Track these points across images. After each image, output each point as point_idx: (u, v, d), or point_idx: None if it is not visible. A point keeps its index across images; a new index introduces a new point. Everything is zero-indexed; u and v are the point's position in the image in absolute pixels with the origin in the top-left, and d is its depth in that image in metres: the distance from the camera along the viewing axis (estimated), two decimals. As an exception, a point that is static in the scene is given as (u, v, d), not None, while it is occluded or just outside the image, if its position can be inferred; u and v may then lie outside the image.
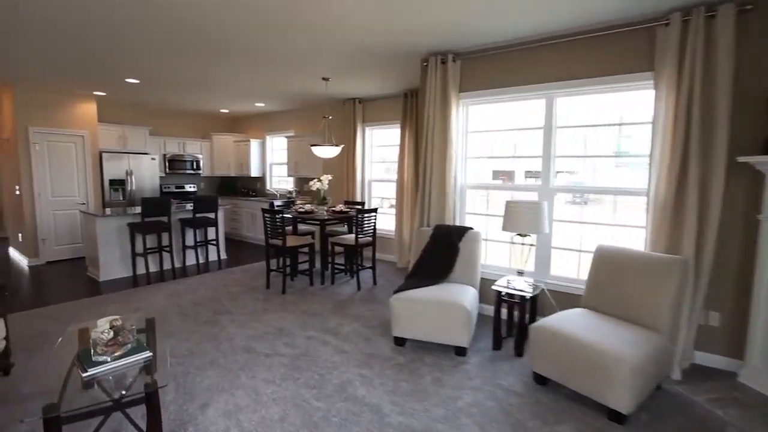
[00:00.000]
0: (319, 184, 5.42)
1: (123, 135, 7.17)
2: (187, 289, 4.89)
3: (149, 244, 5.64)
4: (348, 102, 6.70)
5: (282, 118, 8.12)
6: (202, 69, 4.87)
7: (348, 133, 6.72)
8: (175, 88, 6.03)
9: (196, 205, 5.78)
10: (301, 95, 6.47)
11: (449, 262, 3.72)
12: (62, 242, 6.45)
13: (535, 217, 3.17)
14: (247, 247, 7.54)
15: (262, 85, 5.74)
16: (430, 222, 4.30)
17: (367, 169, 6.81)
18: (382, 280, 5.37)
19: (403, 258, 6.16)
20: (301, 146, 7.24)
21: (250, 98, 6.81)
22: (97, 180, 6.77)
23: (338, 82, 5.48)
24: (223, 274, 5.62)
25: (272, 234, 4.77)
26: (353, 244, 4.87)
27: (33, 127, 6.08)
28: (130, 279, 5.33)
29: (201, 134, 8.76)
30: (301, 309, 4.24)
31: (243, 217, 8.11)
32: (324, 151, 5.26)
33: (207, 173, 8.61)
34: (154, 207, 5.25)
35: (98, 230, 5.23)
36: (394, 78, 5.29)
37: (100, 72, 5.10)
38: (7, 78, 5.61)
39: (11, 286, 5.05)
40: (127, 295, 4.63)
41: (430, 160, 4.25)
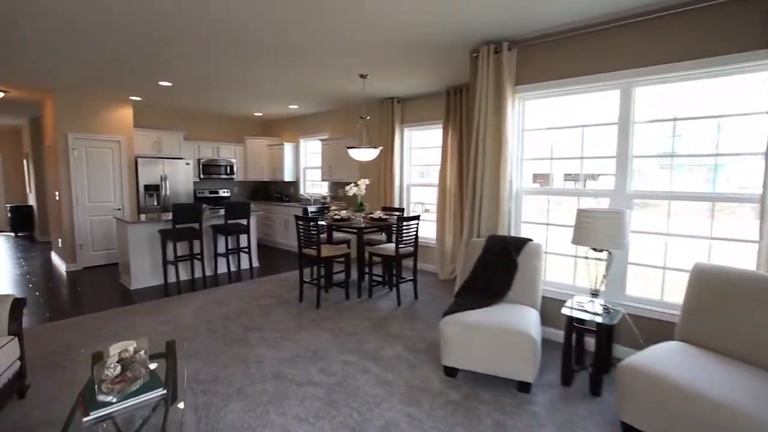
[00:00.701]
0: (356, 189, 5.05)
1: (158, 140, 7.10)
2: (218, 300, 4.63)
3: (181, 251, 5.46)
4: (386, 101, 6.31)
5: (316, 121, 7.85)
6: (235, 69, 4.63)
7: (385, 134, 6.34)
8: (208, 90, 5.84)
9: (227, 212, 5.55)
10: (337, 95, 6.14)
11: (506, 280, 3.22)
12: (98, 248, 6.40)
13: (615, 229, 2.64)
14: (281, 255, 7.28)
15: (296, 84, 5.45)
16: (481, 232, 3.82)
17: (405, 172, 6.39)
18: (423, 294, 4.92)
19: (445, 269, 5.69)
20: (336, 149, 6.92)
21: (284, 100, 6.55)
22: (133, 185, 6.70)
23: (376, 79, 5.10)
24: (255, 284, 5.34)
25: (306, 243, 4.43)
26: (393, 254, 4.45)
27: (72, 133, 6.07)
28: (161, 288, 5.14)
29: (235, 138, 8.64)
30: (337, 327, 3.86)
31: (276, 223, 7.88)
32: (361, 153, 4.89)
33: (240, 178, 8.46)
34: (185, 213, 5.04)
35: (129, 237, 5.08)
36: (437, 73, 4.86)
37: (134, 75, 4.96)
38: (47, 86, 5.60)
39: (50, 292, 4.97)
40: (156, 306, 4.41)
41: (481, 162, 3.77)
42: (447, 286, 5.27)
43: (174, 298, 4.71)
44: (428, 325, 3.91)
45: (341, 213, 4.93)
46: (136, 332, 3.69)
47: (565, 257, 3.70)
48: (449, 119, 5.55)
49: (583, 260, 3.40)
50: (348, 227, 4.61)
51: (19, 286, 5.22)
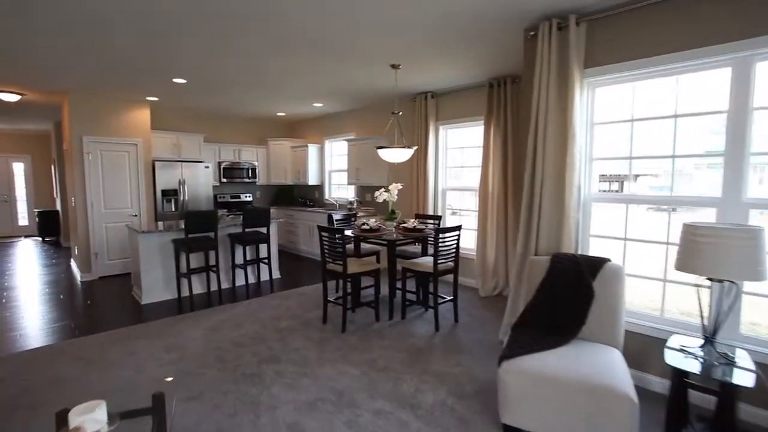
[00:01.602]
0: (387, 196, 4.46)
1: (177, 142, 6.74)
2: (232, 321, 4.12)
3: (195, 263, 5.01)
4: (418, 97, 5.70)
5: (342, 120, 7.31)
6: (253, 64, 4.13)
7: (418, 133, 5.72)
8: (225, 89, 5.39)
9: (245, 219, 5.07)
10: (365, 90, 5.57)
11: (580, 312, 2.54)
12: (114, 257, 6.07)
13: (749, 253, 1.92)
14: (304, 264, 6.77)
15: (322, 79, 4.91)
16: (540, 248, 3.13)
17: (440, 175, 5.75)
18: (464, 314, 4.27)
19: (486, 284, 5.01)
20: (363, 150, 6.36)
21: (307, 98, 6.04)
22: (150, 190, 6.35)
23: (409, 70, 4.49)
24: (275, 299, 4.82)
25: (330, 256, 3.87)
26: (430, 270, 3.83)
27: (87, 136, 5.76)
28: (174, 303, 4.70)
29: (257, 140, 8.22)
30: (366, 359, 3.27)
31: (300, 229, 7.39)
32: (393, 154, 4.29)
33: (263, 182, 8.03)
34: (199, 222, 4.58)
35: (140, 248, 4.66)
36: (479, 61, 4.21)
37: (146, 73, 4.56)
38: (60, 87, 5.29)
39: (59, 306, 4.61)
40: (164, 327, 3.95)
41: (540, 164, 3.09)
42: (490, 305, 4.59)
43: (185, 317, 4.24)
44: (475, 360, 3.26)
45: (370, 222, 4.35)
46: (137, 361, 3.22)
47: (649, 280, 2.97)
48: (492, 115, 4.88)
49: (674, 285, 2.69)
50: (377, 239, 4.01)
51: (31, 297, 4.90)
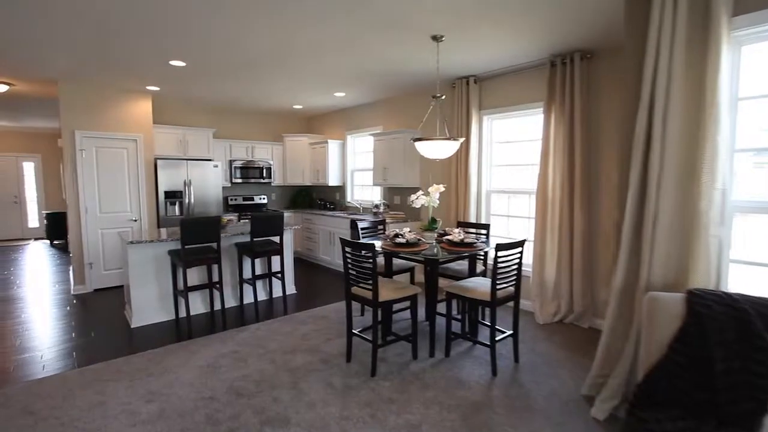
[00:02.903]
0: (425, 200, 3.59)
1: (183, 138, 6.03)
2: (234, 354, 3.32)
3: (196, 278, 4.26)
4: (458, 82, 4.81)
5: (366, 112, 6.48)
6: (263, 39, 3.33)
7: (458, 125, 4.84)
8: (232, 74, 4.62)
9: (254, 227, 4.27)
10: (397, 73, 4.71)
11: (759, 391, 1.62)
12: (111, 266, 5.38)
13: None
14: (323, 276, 5.96)
15: (347, 60, 4.07)
16: (652, 278, 2.21)
17: (485, 175, 4.84)
18: (525, 350, 3.36)
19: (546, 308, 4.08)
20: (392, 146, 5.51)
21: (330, 84, 5.22)
22: (152, 192, 5.65)
23: (453, 45, 3.61)
24: (288, 324, 4.01)
25: (356, 278, 3.02)
26: (487, 299, 2.94)
27: (80, 130, 5.09)
28: (169, 326, 3.95)
29: (272, 136, 7.46)
30: (406, 421, 2.41)
31: (318, 235, 6.59)
32: (434, 147, 3.41)
33: (279, 182, 7.26)
34: (197, 230, 3.81)
35: (130, 260, 3.92)
36: (541, 31, 3.30)
37: (138, 55, 3.81)
38: (47, 74, 4.62)
39: (37, 330, 3.92)
40: (149, 362, 3.17)
41: (656, 158, 2.17)
42: (554, 337, 3.66)
43: (179, 347, 3.46)
44: (557, 427, 2.36)
45: (405, 232, 3.49)
46: (103, 418, 2.44)
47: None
48: (553, 100, 3.96)
49: None
50: (414, 255, 3.14)
51: (9, 316, 4.23)
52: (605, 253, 3.81)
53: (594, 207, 3.87)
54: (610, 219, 3.75)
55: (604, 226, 3.82)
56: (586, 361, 3.18)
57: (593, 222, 3.88)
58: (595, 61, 3.78)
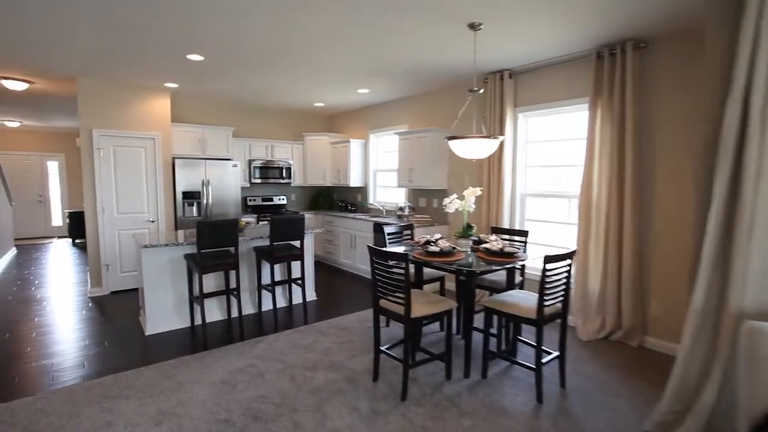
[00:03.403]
0: (460, 205, 3.28)
1: (202, 137, 5.85)
2: (251, 369, 3.08)
3: (212, 284, 4.06)
4: (491, 77, 4.48)
5: (391, 110, 6.19)
6: (284, 29, 3.08)
7: (491, 123, 4.51)
8: (252, 69, 4.39)
9: (274, 231, 4.02)
10: (427, 66, 4.41)
11: None
12: (127, 268, 5.24)
13: None
14: (344, 281, 5.70)
15: (375, 49, 3.78)
16: (745, 298, 1.85)
17: (519, 176, 4.50)
18: (570, 370, 3.01)
19: (589, 323, 3.71)
20: (419, 146, 5.21)
21: (352, 80, 4.95)
22: (169, 192, 5.48)
23: (492, 32, 3.29)
24: (309, 335, 3.75)
25: (386, 289, 2.74)
26: (533, 316, 2.61)
27: (97, 129, 4.95)
28: (184, 335, 3.74)
29: (292, 135, 7.25)
30: (445, 459, 2.11)
31: (339, 238, 6.33)
32: (471, 147, 3.10)
33: (299, 182, 7.04)
34: (214, 234, 3.59)
35: (144, 265, 3.73)
36: (590, 19, 2.95)
37: (153, 49, 3.61)
38: (64, 71, 4.51)
39: (47, 336, 3.77)
40: (162, 376, 2.95)
41: (755, 150, 1.82)
42: (599, 355, 3.30)
43: (194, 359, 3.24)
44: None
45: (436, 239, 3.18)
46: (110, 444, 2.22)
47: None
48: (600, 96, 3.61)
49: None
50: (448, 265, 2.83)
51: (22, 319, 4.09)
52: (659, 263, 3.43)
53: (646, 212, 3.49)
54: (667, 225, 3.37)
55: (658, 232, 3.43)
56: (645, 386, 2.83)
57: (645, 228, 3.50)
58: (650, 50, 3.40)
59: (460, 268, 2.75)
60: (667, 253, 3.38)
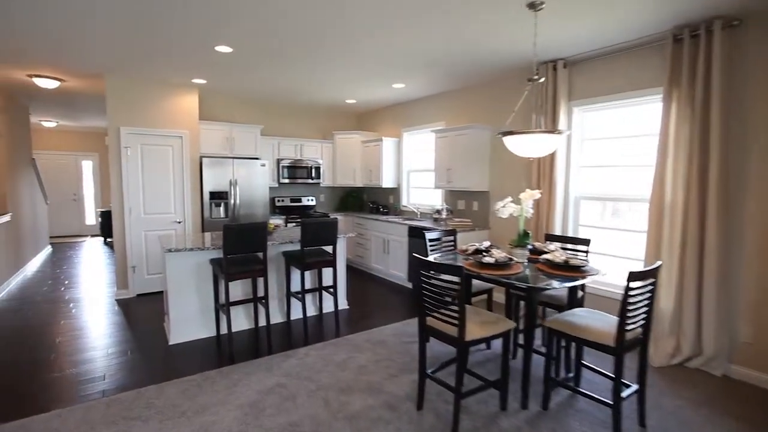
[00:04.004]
0: (515, 210, 2.89)
1: (230, 135, 5.65)
2: (281, 389, 2.78)
3: (239, 291, 3.81)
4: (543, 67, 4.06)
5: (426, 107, 5.83)
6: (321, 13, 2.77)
7: (540, 118, 4.08)
8: (282, 58, 4.12)
9: (306, 234, 3.73)
10: (468, 60, 4.03)
11: None
12: (154, 270, 5.08)
13: None
14: (376, 287, 5.38)
15: (417, 34, 3.44)
16: None
17: (573, 178, 4.05)
18: (649, 405, 2.57)
19: (662, 345, 3.24)
20: (459, 144, 4.82)
21: (389, 74, 4.62)
22: (196, 192, 5.30)
23: (549, 16, 2.89)
24: (342, 350, 3.43)
25: (434, 306, 2.38)
26: (610, 344, 2.20)
27: (125, 127, 4.81)
28: (209, 345, 3.50)
29: (321, 134, 6.99)
30: None
31: (371, 241, 6.02)
32: (529, 143, 2.70)
33: (328, 183, 6.77)
34: (241, 238, 3.32)
35: (168, 270, 3.51)
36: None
37: (180, 39, 3.38)
38: (93, 68, 4.37)
39: (69, 342, 3.60)
40: (185, 395, 2.69)
41: None
42: (678, 386, 2.84)
43: (219, 374, 2.98)
44: None
45: (484, 246, 2.80)
46: (124, 478, 1.96)
47: None
48: (677, 85, 3.14)
49: None
50: (504, 279, 2.44)
51: (50, 320, 3.96)
52: (751, 281, 2.93)
53: (735, 222, 2.99)
54: (763, 238, 2.86)
55: (751, 245, 2.93)
56: (742, 427, 2.36)
57: (733, 240, 3.00)
58: (744, 30, 2.90)
59: (520, 284, 2.36)
60: (763, 270, 2.87)
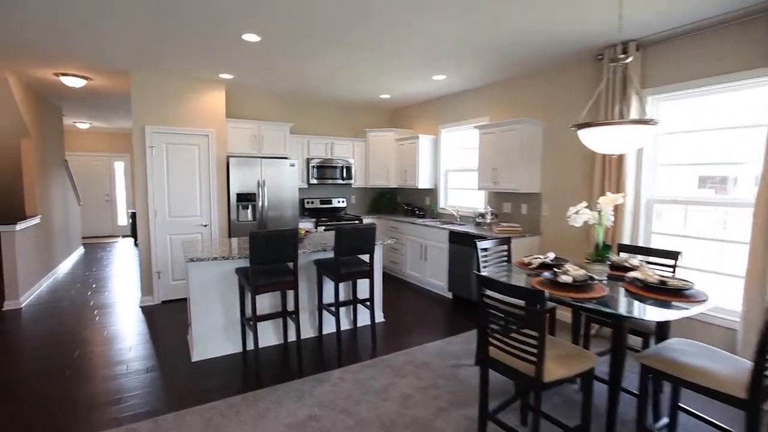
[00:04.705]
0: (589, 216, 2.41)
1: (258, 134, 5.36)
2: (314, 424, 2.40)
3: (267, 304, 3.47)
4: (610, 51, 3.53)
5: (467, 101, 5.36)
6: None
7: (605, 110, 3.56)
8: (316, 46, 3.77)
9: (341, 242, 3.34)
10: (524, 42, 3.55)
11: None
12: (179, 276, 4.84)
13: None
14: (413, 297, 4.96)
15: (470, 18, 3.01)
16: None
17: (645, 178, 3.51)
18: (770, 468, 2.05)
19: None
20: (505, 141, 4.34)
21: (431, 64, 4.19)
22: (223, 193, 5.03)
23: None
24: (382, 375, 3.03)
25: (501, 334, 1.94)
26: (741, 395, 1.70)
27: (150, 125, 4.58)
28: (234, 364, 3.17)
29: (352, 132, 6.62)
30: None
31: (407, 246, 5.60)
32: (613, 136, 2.22)
33: (360, 184, 6.39)
34: (269, 248, 2.96)
35: (191, 280, 3.20)
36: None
37: (209, 30, 3.08)
38: (118, 64, 4.17)
39: (86, 355, 3.36)
40: (205, 428, 2.36)
41: None
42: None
43: (244, 401, 2.63)
44: None
45: (561, 264, 2.34)
46: None
47: None
48: (791, 63, 2.57)
49: None
50: (588, 303, 1.97)
51: (72, 329, 3.75)
52: None
53: None
54: None
55: None
56: None
57: None
58: None
59: (619, 314, 1.89)
60: None
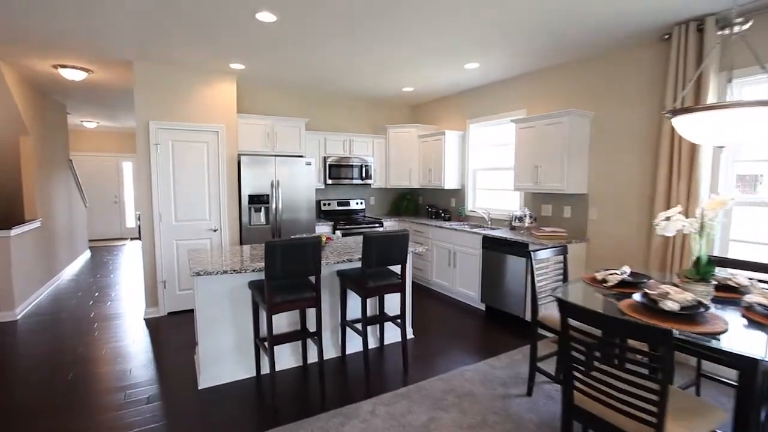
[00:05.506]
0: (684, 224, 1.94)
1: (272, 130, 4.94)
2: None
3: (284, 323, 3.04)
4: (679, 29, 3.03)
5: (499, 92, 4.88)
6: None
7: (672, 97, 3.07)
8: (338, 27, 3.33)
9: (369, 252, 2.88)
10: (570, 24, 3.08)
11: None
12: (186, 286, 4.44)
13: None
14: (441, 308, 4.50)
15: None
16: None
17: (722, 178, 3.01)
18: None
19: None
20: (550, 136, 3.86)
21: (463, 50, 3.72)
22: (234, 195, 4.62)
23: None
24: (419, 408, 2.59)
25: (588, 377, 1.48)
26: None
27: (154, 121, 4.19)
28: (247, 394, 2.74)
29: (370, 129, 6.18)
30: None
31: (433, 252, 5.15)
32: (725, 123, 1.74)
33: (379, 184, 5.95)
34: (287, 260, 2.53)
35: (198, 296, 2.78)
36: None
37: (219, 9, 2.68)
38: (120, 54, 3.79)
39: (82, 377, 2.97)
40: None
41: None
42: None
43: (260, 444, 2.21)
44: None
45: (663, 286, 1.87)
46: None
47: None
48: None
49: None
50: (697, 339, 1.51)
51: (68, 345, 3.36)
52: None
53: None
54: None
55: None
56: None
57: None
58: None
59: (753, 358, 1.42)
60: None
